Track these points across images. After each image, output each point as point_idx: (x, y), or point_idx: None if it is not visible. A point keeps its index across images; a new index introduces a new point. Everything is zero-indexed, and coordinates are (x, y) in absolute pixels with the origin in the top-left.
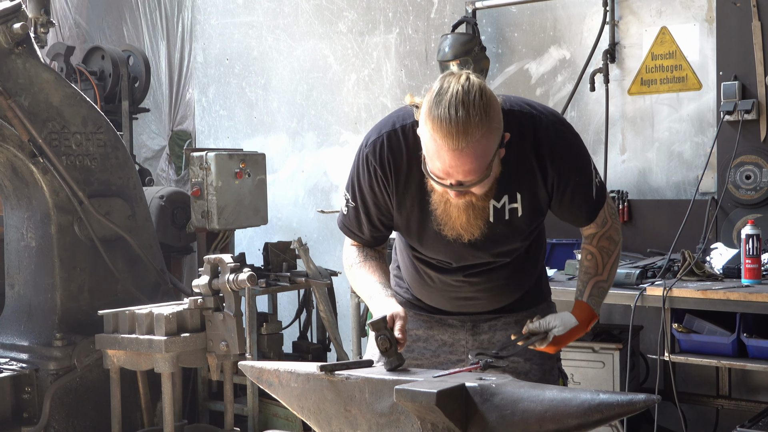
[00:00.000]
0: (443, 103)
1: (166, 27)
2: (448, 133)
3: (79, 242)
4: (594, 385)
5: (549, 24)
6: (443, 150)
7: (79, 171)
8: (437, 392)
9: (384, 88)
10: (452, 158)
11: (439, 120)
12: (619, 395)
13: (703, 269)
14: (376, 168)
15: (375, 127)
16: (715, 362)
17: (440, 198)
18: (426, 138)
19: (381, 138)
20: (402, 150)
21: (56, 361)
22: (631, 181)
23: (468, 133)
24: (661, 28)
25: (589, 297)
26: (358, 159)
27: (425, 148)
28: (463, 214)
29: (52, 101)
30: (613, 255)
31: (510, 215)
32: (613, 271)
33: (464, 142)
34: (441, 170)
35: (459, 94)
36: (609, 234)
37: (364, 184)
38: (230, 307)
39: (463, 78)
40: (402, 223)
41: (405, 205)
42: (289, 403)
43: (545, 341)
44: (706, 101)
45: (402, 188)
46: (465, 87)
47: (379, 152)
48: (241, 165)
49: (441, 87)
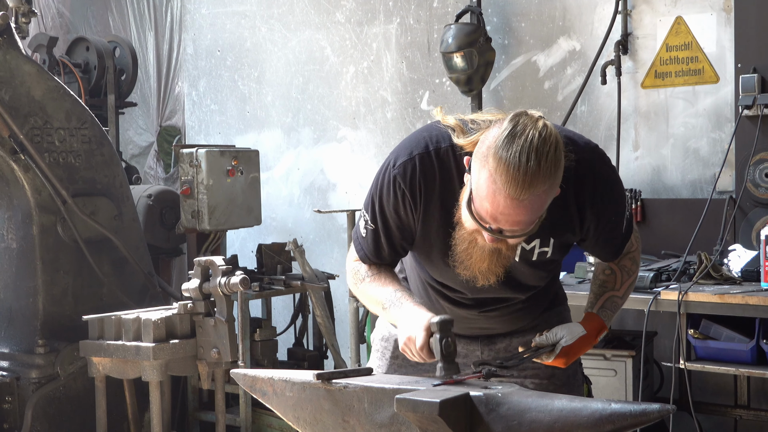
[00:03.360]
0: (515, 146)
1: (154, 17)
2: (513, 180)
3: (63, 244)
4: (605, 394)
5: (558, 13)
6: (500, 195)
7: (63, 168)
8: (440, 402)
9: (384, 81)
10: (507, 206)
11: (506, 163)
12: (631, 405)
13: (721, 272)
14: (405, 192)
15: (404, 145)
16: (733, 370)
17: (467, 236)
18: (483, 177)
19: (413, 160)
20: (435, 175)
21: (38, 368)
22: (644, 180)
23: (533, 186)
24: (676, 18)
25: (600, 309)
26: (384, 179)
27: (477, 186)
28: (486, 259)
29: (34, 95)
30: (633, 275)
31: (538, 257)
32: (629, 291)
33: (526, 194)
34: (488, 213)
35: (535, 142)
36: (633, 256)
37: (388, 208)
38: (222, 312)
39: (540, 124)
40: (423, 250)
41: (429, 231)
42: (284, 413)
43: (553, 354)
44: (724, 95)
45: (429, 215)
46: (542, 135)
47: (410, 176)
48: (233, 162)
49: (515, 127)
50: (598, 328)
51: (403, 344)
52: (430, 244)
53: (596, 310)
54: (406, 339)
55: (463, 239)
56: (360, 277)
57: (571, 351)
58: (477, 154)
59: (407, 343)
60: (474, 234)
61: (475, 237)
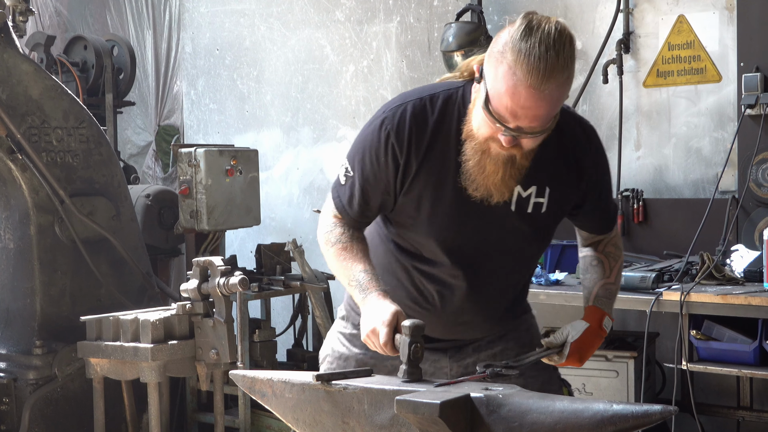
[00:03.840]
0: (533, 38)
1: (152, 15)
2: (535, 69)
3: (61, 244)
4: (607, 395)
5: (559, 12)
6: (521, 86)
7: (60, 168)
8: (440, 403)
9: (384, 80)
10: (528, 98)
11: (526, 54)
12: (633, 406)
13: (723, 272)
14: (391, 135)
15: (399, 96)
16: (736, 371)
17: (479, 147)
18: (501, 72)
19: (404, 106)
20: (427, 121)
21: (36, 370)
22: (646, 179)
23: (553, 75)
24: (678, 17)
25: (596, 299)
26: (371, 126)
27: (494, 83)
28: (501, 169)
29: (32, 94)
30: (619, 260)
31: (533, 209)
32: (620, 276)
33: (546, 84)
34: (508, 109)
35: (552, 34)
36: (615, 241)
37: (369, 154)
38: (221, 313)
39: (553, 19)
40: (409, 204)
41: (418, 181)
42: (283, 414)
43: (563, 354)
44: (726, 94)
45: (418, 163)
46: (557, 28)
47: (398, 120)
48: (232, 162)
49: (530, 22)
50: (599, 318)
51: (366, 335)
52: (420, 193)
53: (592, 301)
54: (369, 331)
55: (475, 151)
56: (331, 239)
57: (582, 347)
58: (491, 55)
59: (370, 336)
60: (488, 143)
61: (488, 146)
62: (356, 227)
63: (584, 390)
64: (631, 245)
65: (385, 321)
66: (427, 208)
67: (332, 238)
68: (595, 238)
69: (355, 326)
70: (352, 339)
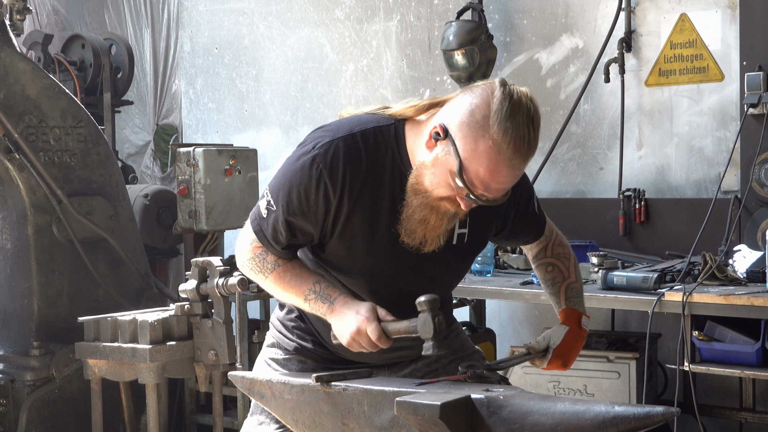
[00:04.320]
0: (519, 116)
1: (150, 14)
2: (518, 150)
3: (58, 244)
4: (609, 397)
5: (561, 10)
6: (502, 164)
7: (58, 168)
8: (441, 404)
9: (384, 79)
10: (506, 174)
11: (513, 134)
12: (635, 408)
13: (726, 273)
14: (324, 175)
15: (325, 129)
16: (739, 372)
17: (428, 204)
18: (484, 146)
19: (335, 142)
20: (361, 160)
21: (33, 371)
22: (648, 179)
23: (530, 154)
24: (680, 15)
25: (567, 301)
26: (299, 162)
27: (471, 155)
28: (445, 223)
29: (29, 93)
30: (571, 257)
31: (458, 241)
32: (578, 271)
33: (525, 162)
34: (483, 182)
35: (532, 112)
36: (559, 240)
37: (298, 191)
38: (219, 314)
39: (525, 90)
40: (343, 241)
41: (352, 220)
42: (283, 416)
43: (545, 358)
44: (729, 93)
45: (351, 204)
46: (534, 104)
47: (332, 159)
48: (231, 161)
49: (512, 96)
50: (577, 319)
51: (350, 338)
52: (353, 234)
53: (564, 304)
54: (353, 333)
55: (423, 207)
56: (268, 267)
57: (564, 351)
58: (467, 124)
59: (355, 338)
60: (440, 201)
61: (439, 204)
62: (284, 256)
63: (585, 391)
64: (633, 245)
65: (368, 317)
66: (360, 251)
67: (267, 266)
68: (538, 245)
69: (287, 351)
70: (286, 363)
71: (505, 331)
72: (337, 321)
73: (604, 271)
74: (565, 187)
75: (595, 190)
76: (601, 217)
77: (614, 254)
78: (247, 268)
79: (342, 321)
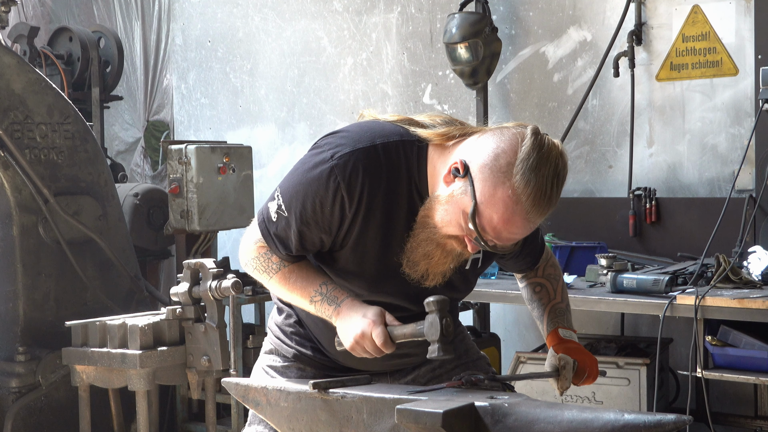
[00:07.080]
0: (545, 170)
1: (141, 5)
2: (537, 204)
3: (45, 245)
4: (618, 404)
5: (568, 2)
6: (518, 216)
7: (44, 166)
8: (443, 412)
9: (384, 73)
10: (520, 226)
11: (535, 186)
12: (646, 416)
13: (740, 275)
14: (341, 188)
15: (345, 137)
16: (753, 379)
17: (434, 240)
18: (502, 193)
19: (356, 154)
20: (381, 174)
21: (19, 377)
22: (659, 177)
23: (547, 212)
24: (693, 7)
25: (554, 323)
26: (317, 171)
27: (488, 199)
28: (449, 262)
29: (14, 88)
30: (560, 279)
31: (471, 265)
32: (566, 293)
33: (540, 218)
34: (495, 229)
35: (559, 167)
36: (552, 262)
37: (312, 200)
38: (212, 318)
39: (558, 143)
40: (355, 254)
41: (366, 235)
42: (279, 424)
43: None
44: (743, 88)
45: (367, 216)
46: (563, 158)
47: (350, 173)
48: (224, 159)
49: (542, 146)
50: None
51: (354, 342)
52: (364, 249)
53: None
54: (357, 336)
55: (429, 241)
56: (273, 267)
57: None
58: (489, 166)
59: (359, 341)
60: (448, 239)
61: (446, 242)
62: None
63: (594, 398)
64: (644, 247)
65: (374, 321)
66: (370, 266)
67: (272, 266)
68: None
69: (285, 358)
70: (285, 371)
71: (510, 336)
72: (343, 323)
73: (613, 273)
74: (572, 186)
75: (604, 189)
76: (610, 217)
77: (624, 256)
78: (251, 267)
79: (347, 323)
